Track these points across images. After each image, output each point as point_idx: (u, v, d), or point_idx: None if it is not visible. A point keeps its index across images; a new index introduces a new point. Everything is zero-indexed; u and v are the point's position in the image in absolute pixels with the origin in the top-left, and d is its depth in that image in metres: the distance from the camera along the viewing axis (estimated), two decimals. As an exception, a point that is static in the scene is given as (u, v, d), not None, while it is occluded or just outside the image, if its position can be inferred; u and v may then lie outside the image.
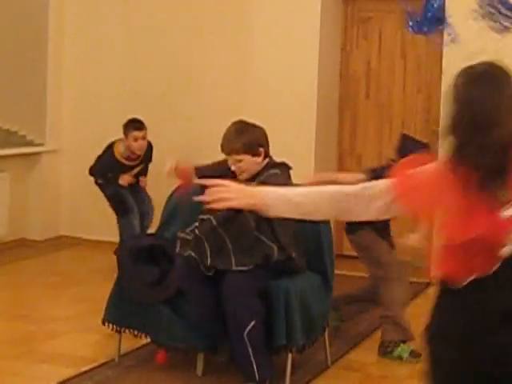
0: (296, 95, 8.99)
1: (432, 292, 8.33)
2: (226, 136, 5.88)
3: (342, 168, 9.81)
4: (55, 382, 5.65)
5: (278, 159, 5.91)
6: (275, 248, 5.73)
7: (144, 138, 8.71)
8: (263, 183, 5.46)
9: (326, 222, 6.19)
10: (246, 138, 5.78)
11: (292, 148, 5.81)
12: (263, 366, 5.58)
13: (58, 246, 9.73)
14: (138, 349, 6.20)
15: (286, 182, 5.73)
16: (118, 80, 9.89)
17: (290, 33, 9.26)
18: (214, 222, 5.69)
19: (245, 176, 5.74)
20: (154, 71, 9.79)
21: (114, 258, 6.39)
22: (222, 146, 5.86)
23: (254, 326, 5.51)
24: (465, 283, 2.97)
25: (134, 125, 8.66)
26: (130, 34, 9.88)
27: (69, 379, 5.74)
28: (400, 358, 6.35)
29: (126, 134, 8.62)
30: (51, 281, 8.58)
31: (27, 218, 9.68)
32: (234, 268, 5.62)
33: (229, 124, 6.62)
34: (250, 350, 5.52)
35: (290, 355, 5.72)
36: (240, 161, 5.74)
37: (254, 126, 5.94)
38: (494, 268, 2.95)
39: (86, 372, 5.89)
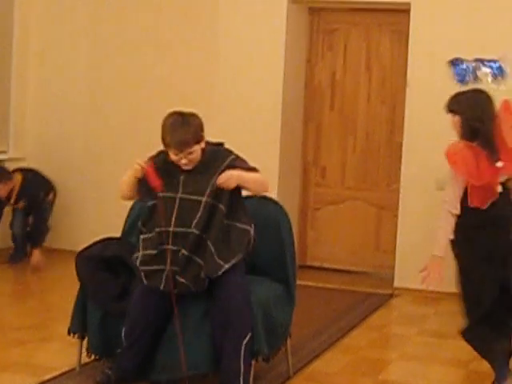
0: (261, 106, 9.01)
1: (396, 303, 8.44)
2: (173, 132, 5.73)
3: (306, 179, 9.85)
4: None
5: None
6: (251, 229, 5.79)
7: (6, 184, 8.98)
8: (230, 167, 5.63)
9: (290, 233, 6.20)
10: (193, 128, 5.71)
11: (257, 160, 5.80)
12: (247, 377, 5.53)
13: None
14: (98, 359, 6.15)
15: (247, 163, 5.82)
16: (82, 88, 9.87)
17: (255, 43, 9.27)
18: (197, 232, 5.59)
19: (193, 165, 5.71)
20: (119, 80, 9.78)
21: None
22: (171, 142, 5.71)
23: (250, 338, 5.51)
24: (486, 205, 5.66)
25: None
26: (94, 40, 9.87)
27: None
28: None
29: None
30: (16, 289, 8.60)
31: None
32: (227, 266, 5.53)
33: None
34: (241, 364, 5.48)
35: (252, 364, 5.64)
36: (191, 153, 5.67)
37: (191, 114, 5.84)
38: (497, 196, 5.72)
39: (47, 381, 5.84)
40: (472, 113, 6.05)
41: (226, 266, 5.52)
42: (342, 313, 8.08)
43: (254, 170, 5.78)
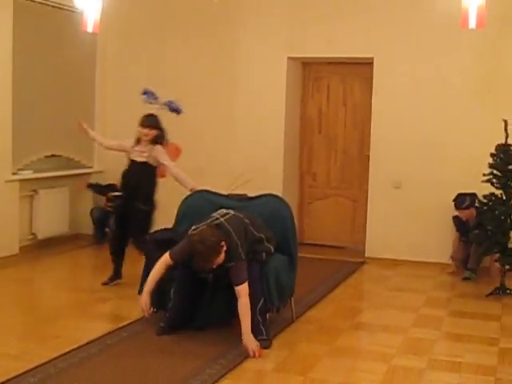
0: (270, 132, 9.02)
1: (366, 268, 8.45)
2: (198, 261, 5.38)
3: (302, 182, 9.88)
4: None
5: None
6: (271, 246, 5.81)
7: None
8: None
9: (292, 220, 6.21)
10: (213, 255, 5.35)
11: (267, 169, 5.89)
12: (267, 328, 5.57)
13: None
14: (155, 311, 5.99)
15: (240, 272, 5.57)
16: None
17: (265, 88, 9.27)
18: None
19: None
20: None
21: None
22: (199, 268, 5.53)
23: (262, 303, 5.54)
24: None
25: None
26: (160, 79, 9.87)
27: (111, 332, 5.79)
28: None
29: None
30: (97, 263, 8.63)
31: (81, 219, 9.69)
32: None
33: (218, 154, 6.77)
34: (260, 319, 5.51)
35: (267, 314, 5.70)
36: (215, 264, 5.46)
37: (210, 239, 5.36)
38: None
39: (124, 326, 5.91)
40: None
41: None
42: (329, 275, 8.10)
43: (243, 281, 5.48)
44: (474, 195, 8.01)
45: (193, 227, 5.65)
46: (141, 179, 7.07)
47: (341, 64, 9.43)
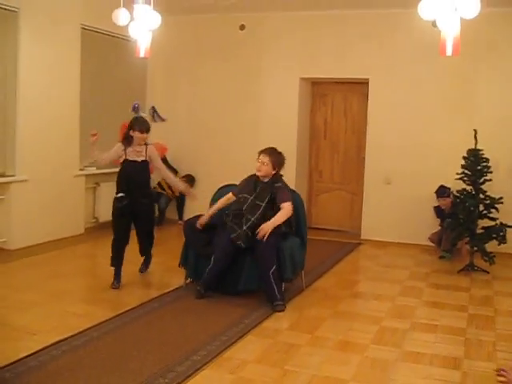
0: (286, 137, 8.95)
1: (362, 248, 8.44)
2: (264, 150, 5.82)
3: (310, 178, 9.88)
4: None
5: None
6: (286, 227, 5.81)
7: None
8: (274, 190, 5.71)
9: (303, 208, 6.21)
10: (275, 156, 5.77)
11: (285, 167, 5.92)
12: (280, 291, 5.60)
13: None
14: (192, 281, 6.13)
15: (285, 193, 5.82)
16: (184, 127, 9.96)
17: (282, 102, 9.28)
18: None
19: (263, 174, 5.78)
20: (207, 124, 9.86)
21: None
22: (259, 153, 5.80)
23: (275, 269, 5.55)
24: None
25: None
26: (196, 94, 9.94)
27: (156, 297, 5.85)
28: None
29: None
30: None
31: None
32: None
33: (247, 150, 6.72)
34: (273, 284, 5.54)
35: (283, 284, 5.76)
36: (264, 163, 5.72)
37: (280, 152, 5.87)
38: None
39: (167, 293, 5.95)
40: None
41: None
42: (332, 254, 8.09)
43: (286, 199, 5.69)
44: (450, 189, 8.01)
45: (232, 209, 5.80)
46: (145, 176, 6.31)
47: (342, 83, 9.40)
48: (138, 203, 6.16)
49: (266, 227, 5.52)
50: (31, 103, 7.65)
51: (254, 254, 5.60)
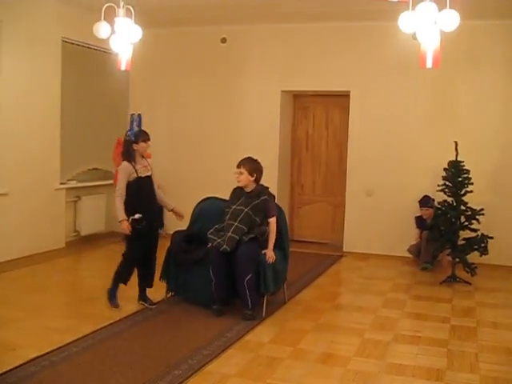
0: (267, 150, 8.90)
1: (344, 260, 8.41)
2: (242, 159, 5.88)
3: (292, 191, 9.86)
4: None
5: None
6: (265, 228, 5.79)
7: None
8: (261, 203, 5.77)
9: (285, 221, 6.18)
10: (253, 164, 5.84)
11: (264, 180, 5.90)
12: (254, 301, 5.60)
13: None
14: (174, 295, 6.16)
15: (271, 206, 5.87)
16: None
17: (263, 115, 9.26)
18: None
19: (243, 184, 5.84)
20: (194, 133, 9.85)
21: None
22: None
23: (250, 277, 5.54)
24: None
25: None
26: (178, 107, 9.90)
27: (138, 310, 5.81)
28: None
29: None
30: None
31: (115, 219, 9.63)
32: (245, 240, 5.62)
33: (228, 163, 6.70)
34: (247, 291, 5.55)
35: (265, 297, 5.76)
36: (242, 173, 5.77)
37: (258, 161, 5.93)
38: None
39: (147, 307, 5.94)
40: None
41: (245, 239, 5.64)
42: (313, 267, 8.07)
43: (272, 214, 5.81)
44: (434, 200, 8.05)
45: (216, 226, 5.83)
46: (154, 192, 5.94)
47: (324, 96, 9.43)
48: (153, 221, 5.85)
49: (270, 253, 5.70)
50: (11, 115, 7.57)
51: (233, 262, 5.59)
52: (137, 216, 5.64)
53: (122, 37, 6.34)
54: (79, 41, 8.54)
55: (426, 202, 8.16)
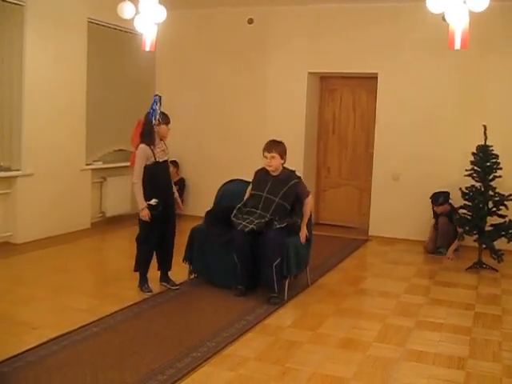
0: (294, 132, 8.88)
1: (369, 245, 8.36)
2: (268, 142, 5.85)
3: (318, 174, 9.81)
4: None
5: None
6: (296, 218, 5.76)
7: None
8: (292, 187, 5.80)
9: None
10: (281, 146, 5.83)
11: (291, 162, 5.86)
12: (280, 285, 5.59)
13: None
14: (197, 277, 6.19)
15: (304, 188, 5.88)
16: (192, 122, 9.91)
17: (290, 97, 9.20)
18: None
19: (274, 169, 5.81)
20: (214, 121, 9.83)
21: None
22: (265, 147, 5.80)
23: (279, 262, 5.53)
24: None
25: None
26: (204, 89, 9.88)
27: (160, 292, 5.83)
28: None
29: None
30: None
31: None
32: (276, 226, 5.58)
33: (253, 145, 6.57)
34: (274, 275, 5.52)
35: (287, 280, 5.73)
36: (274, 157, 5.74)
37: (282, 142, 5.92)
38: None
39: (169, 288, 5.93)
40: None
41: (277, 226, 5.59)
42: (339, 250, 8.03)
43: (307, 194, 5.84)
44: (447, 193, 7.92)
45: (238, 206, 5.84)
46: (170, 179, 5.84)
47: (351, 78, 9.32)
48: (169, 206, 5.76)
49: (304, 232, 5.78)
50: (37, 97, 7.63)
51: (262, 246, 5.56)
52: (153, 201, 5.56)
53: (147, 17, 6.35)
54: (105, 21, 8.53)
55: (436, 199, 7.98)
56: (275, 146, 5.79)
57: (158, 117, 5.56)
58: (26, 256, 7.05)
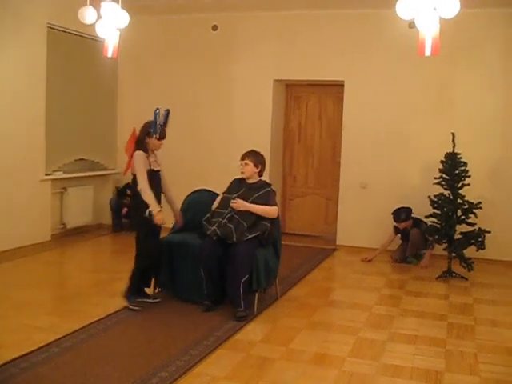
0: (259, 140, 8.67)
1: (337, 254, 8.26)
2: (245, 152, 5.82)
3: (284, 183, 9.69)
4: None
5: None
6: (268, 225, 5.61)
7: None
8: (262, 195, 5.67)
9: (278, 222, 5.94)
10: (257, 157, 5.81)
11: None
12: (247, 301, 5.42)
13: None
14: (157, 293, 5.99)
15: (271, 199, 5.71)
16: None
17: (255, 105, 9.07)
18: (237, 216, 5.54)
19: (247, 176, 5.76)
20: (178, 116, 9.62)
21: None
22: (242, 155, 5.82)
23: (247, 278, 5.37)
24: None
25: None
26: (168, 96, 9.68)
27: (125, 307, 5.59)
28: None
29: None
30: (115, 248, 8.46)
31: (102, 211, 9.50)
32: (247, 237, 5.43)
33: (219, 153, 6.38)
34: (241, 292, 5.35)
35: (257, 294, 5.61)
36: (247, 164, 5.73)
37: (262, 154, 5.89)
38: None
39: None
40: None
41: (249, 236, 5.46)
42: (307, 260, 7.92)
43: (273, 204, 5.67)
44: (409, 209, 7.84)
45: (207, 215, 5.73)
46: (160, 191, 5.71)
47: (317, 85, 9.24)
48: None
49: (242, 203, 5.57)
50: (-6, 105, 7.34)
51: (231, 261, 5.39)
52: (147, 213, 5.38)
53: (109, 22, 6.12)
54: (65, 27, 8.27)
55: (397, 216, 7.85)
56: (250, 155, 5.80)
57: (158, 130, 5.55)
58: (-17, 271, 6.76)
